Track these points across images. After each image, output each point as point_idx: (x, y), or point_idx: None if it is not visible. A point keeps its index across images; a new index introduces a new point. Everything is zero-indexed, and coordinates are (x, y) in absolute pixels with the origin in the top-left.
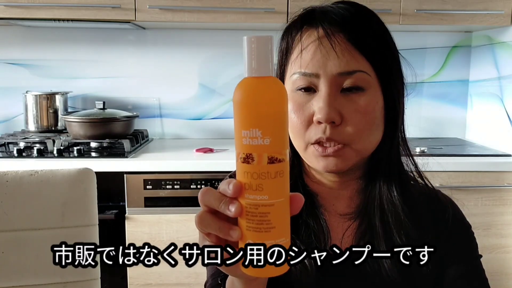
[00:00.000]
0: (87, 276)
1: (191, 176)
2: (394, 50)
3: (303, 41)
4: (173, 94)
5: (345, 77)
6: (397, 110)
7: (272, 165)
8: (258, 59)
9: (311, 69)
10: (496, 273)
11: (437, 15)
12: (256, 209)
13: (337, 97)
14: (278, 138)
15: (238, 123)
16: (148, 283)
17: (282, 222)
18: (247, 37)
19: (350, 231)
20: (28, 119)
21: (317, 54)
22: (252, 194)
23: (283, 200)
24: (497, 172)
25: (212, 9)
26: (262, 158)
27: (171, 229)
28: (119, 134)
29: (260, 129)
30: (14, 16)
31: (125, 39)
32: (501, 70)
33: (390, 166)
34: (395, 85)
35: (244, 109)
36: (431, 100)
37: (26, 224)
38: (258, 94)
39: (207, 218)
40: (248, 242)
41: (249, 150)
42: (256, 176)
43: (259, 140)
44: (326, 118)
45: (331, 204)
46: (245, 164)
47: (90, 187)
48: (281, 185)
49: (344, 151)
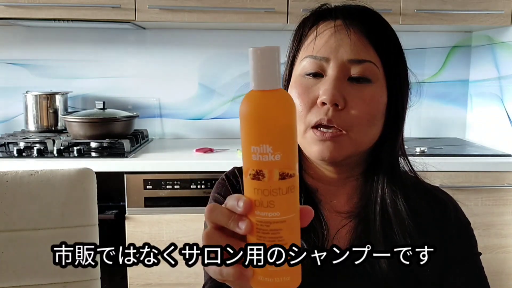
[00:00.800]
0: (87, 276)
1: (191, 176)
2: (403, 56)
3: (319, 28)
4: (173, 94)
5: (354, 64)
6: (398, 110)
7: (283, 181)
8: (266, 71)
9: (322, 53)
10: (496, 273)
11: (437, 15)
12: (268, 226)
13: (344, 83)
14: (289, 153)
15: (247, 138)
16: (148, 283)
17: (294, 238)
18: (253, 49)
19: (346, 230)
20: (28, 119)
21: (331, 39)
22: (263, 211)
23: (294, 215)
24: (497, 172)
25: (212, 9)
26: (273, 175)
27: (171, 229)
28: (119, 134)
29: (270, 145)
30: (14, 16)
31: (125, 39)
32: (501, 70)
33: (390, 164)
34: (400, 86)
35: (254, 124)
36: (431, 100)
37: (26, 224)
38: (269, 109)
39: (216, 235)
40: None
41: (259, 167)
42: (267, 193)
43: (269, 156)
44: (330, 99)
45: (329, 201)
46: (255, 180)
47: (90, 187)
48: (292, 201)
49: (340, 138)
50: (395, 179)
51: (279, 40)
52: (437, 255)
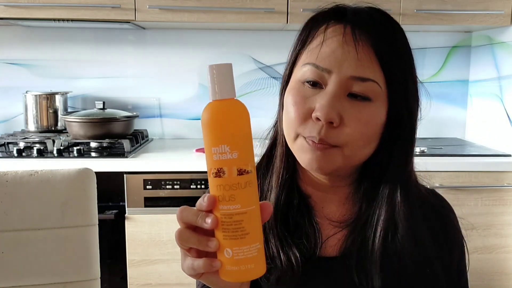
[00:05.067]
0: (87, 276)
1: (191, 176)
2: (414, 73)
3: (328, 32)
4: (173, 94)
5: (357, 82)
6: (406, 130)
7: (241, 176)
8: (221, 84)
9: (326, 64)
10: (496, 273)
11: (437, 15)
12: (231, 218)
13: (342, 100)
14: (244, 151)
15: (208, 142)
16: (148, 283)
17: (255, 228)
18: (209, 66)
19: (337, 239)
20: (28, 119)
21: (338, 50)
22: (225, 204)
23: (254, 208)
24: (497, 172)
25: (212, 9)
26: (232, 171)
27: (171, 229)
28: (119, 134)
29: (228, 144)
30: (14, 16)
31: (125, 39)
32: (501, 70)
33: (396, 177)
34: (407, 107)
35: (212, 129)
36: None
37: (26, 224)
38: (224, 114)
39: (186, 233)
40: (226, 250)
41: (219, 165)
42: (228, 188)
43: (228, 155)
44: (325, 117)
45: (320, 207)
46: (217, 178)
47: (90, 187)
48: (251, 194)
49: (332, 152)
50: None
51: (279, 40)
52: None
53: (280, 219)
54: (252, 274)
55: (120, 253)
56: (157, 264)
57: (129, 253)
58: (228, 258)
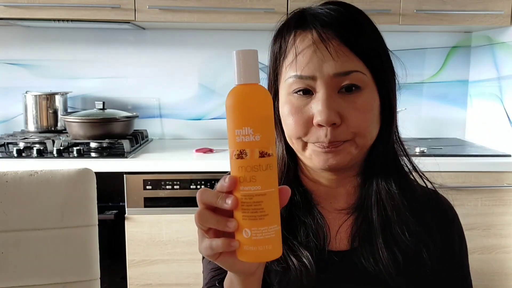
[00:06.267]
0: (87, 276)
1: (191, 176)
2: (385, 48)
3: (297, 45)
4: (173, 94)
5: (341, 77)
6: (392, 106)
7: (263, 159)
8: (246, 69)
9: (307, 72)
10: (496, 273)
11: (436, 15)
12: (251, 199)
13: (335, 98)
14: (266, 135)
15: (231, 124)
16: (148, 283)
17: (274, 210)
18: (236, 51)
19: (346, 226)
20: (28, 119)
21: (313, 58)
22: (246, 185)
23: (273, 190)
24: (496, 172)
25: (212, 9)
26: (254, 153)
27: (171, 229)
28: (119, 134)
29: (251, 127)
30: (14, 16)
31: (125, 39)
32: (500, 70)
33: (387, 162)
34: (389, 83)
35: (237, 111)
36: (430, 100)
37: (26, 224)
38: (248, 98)
39: (206, 214)
40: (244, 230)
41: (242, 147)
42: (249, 169)
43: (251, 137)
44: (326, 121)
45: (329, 202)
46: (239, 159)
47: (90, 187)
48: (271, 177)
49: (344, 146)
50: (393, 175)
51: None
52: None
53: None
54: (269, 255)
55: (120, 253)
56: (157, 264)
57: (129, 253)
58: (247, 238)
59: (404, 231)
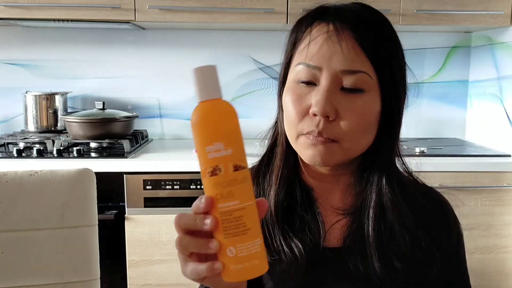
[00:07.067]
0: (87, 276)
1: (191, 176)
2: (400, 59)
3: (313, 33)
4: (173, 94)
5: (347, 75)
6: (394, 117)
7: (238, 172)
8: (207, 85)
9: (315, 62)
10: (496, 273)
11: (436, 15)
12: (231, 215)
13: (336, 94)
14: (238, 147)
15: (201, 142)
16: (147, 283)
17: (255, 224)
18: (195, 69)
19: (340, 225)
20: (28, 119)
21: (323, 47)
22: (224, 202)
23: (252, 203)
24: (496, 173)
25: (211, 10)
26: (228, 167)
27: (171, 230)
28: (119, 134)
29: (222, 141)
30: (14, 16)
31: (125, 39)
32: (500, 70)
33: (386, 164)
34: (395, 93)
35: (205, 128)
36: (430, 100)
37: (26, 224)
38: (214, 113)
39: (186, 239)
40: (228, 249)
41: (215, 163)
42: (225, 185)
43: (222, 152)
44: (321, 111)
45: (325, 199)
46: (213, 176)
47: (90, 187)
48: (248, 189)
49: (331, 146)
50: (391, 177)
51: (278, 40)
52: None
53: (282, 214)
54: (257, 270)
55: (119, 254)
56: (156, 264)
57: (128, 253)
58: (232, 257)
59: (401, 237)
